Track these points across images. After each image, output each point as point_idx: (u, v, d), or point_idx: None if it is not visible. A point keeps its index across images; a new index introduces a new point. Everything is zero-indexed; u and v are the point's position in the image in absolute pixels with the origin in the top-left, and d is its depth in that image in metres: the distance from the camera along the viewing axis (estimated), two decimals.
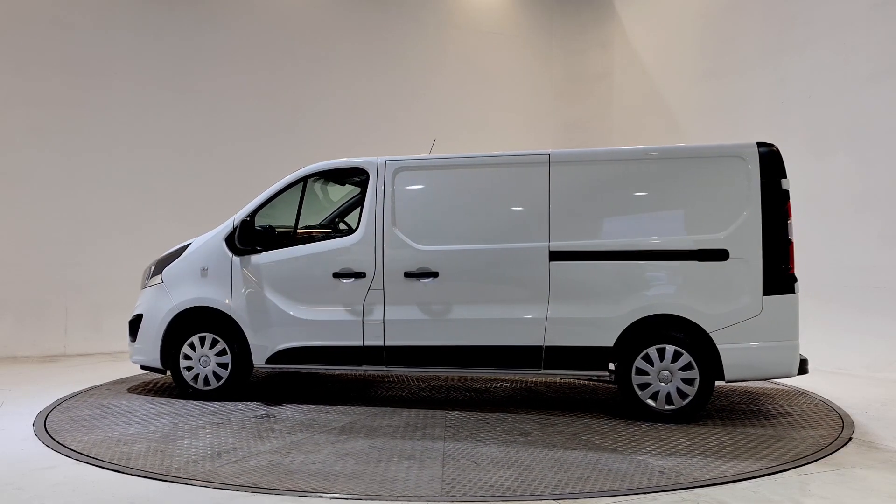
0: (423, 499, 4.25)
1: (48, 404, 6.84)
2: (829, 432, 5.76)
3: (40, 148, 10.38)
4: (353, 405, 6.89)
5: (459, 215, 6.68)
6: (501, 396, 7.30)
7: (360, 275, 6.76)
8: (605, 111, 13.00)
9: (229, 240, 7.12)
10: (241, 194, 11.30)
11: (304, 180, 7.10)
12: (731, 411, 6.52)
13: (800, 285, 6.11)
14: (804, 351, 6.16)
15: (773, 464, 4.90)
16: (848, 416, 6.35)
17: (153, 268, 7.55)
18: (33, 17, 10.33)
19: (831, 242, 9.12)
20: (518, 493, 4.36)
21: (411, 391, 7.58)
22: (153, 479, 4.61)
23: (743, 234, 6.05)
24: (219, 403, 6.93)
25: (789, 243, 6.04)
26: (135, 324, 7.37)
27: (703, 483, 4.50)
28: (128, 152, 10.83)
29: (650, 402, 6.17)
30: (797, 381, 7.72)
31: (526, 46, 13.52)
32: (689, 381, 6.11)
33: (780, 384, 7.74)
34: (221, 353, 7.08)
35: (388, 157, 6.90)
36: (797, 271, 6.15)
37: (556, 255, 6.37)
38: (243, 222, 7.07)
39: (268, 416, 6.48)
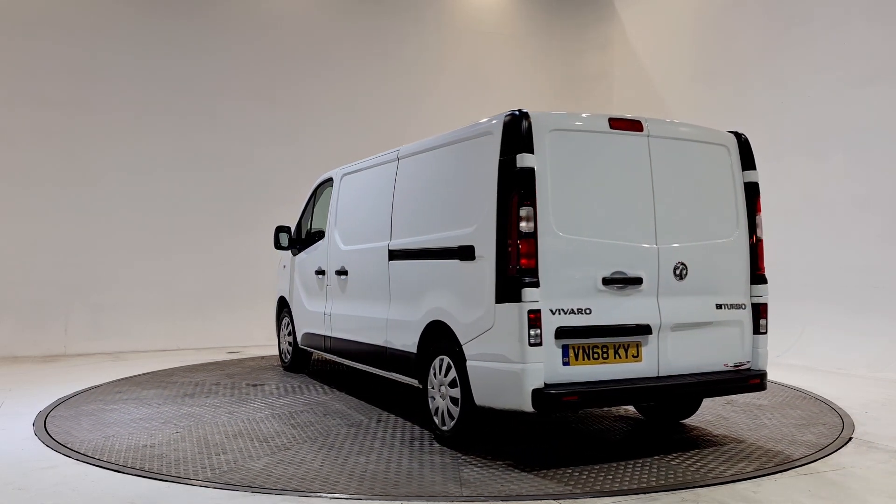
0: (438, 497, 4.25)
1: (48, 404, 6.84)
2: (829, 432, 5.76)
3: (41, 149, 10.38)
4: (348, 394, 7.14)
5: (362, 216, 6.88)
6: None
7: (323, 272, 7.56)
8: (604, 111, 12.93)
9: None
10: (241, 196, 11.36)
11: (315, 191, 8.21)
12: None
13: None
14: (806, 351, 6.02)
15: (773, 464, 4.90)
16: (848, 416, 6.34)
17: None
18: (38, 19, 10.34)
19: (830, 242, 9.12)
20: (98, 457, 5.03)
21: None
22: (153, 478, 4.61)
23: (485, 227, 4.91)
24: (252, 373, 8.79)
25: (528, 237, 4.62)
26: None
27: (703, 483, 4.49)
28: (128, 154, 10.85)
29: (435, 418, 5.45)
30: (797, 381, 7.74)
31: (525, 47, 13.52)
32: (455, 401, 5.19)
33: (780, 384, 7.71)
34: (289, 333, 8.66)
35: (343, 166, 7.50)
36: (802, 272, 5.78)
37: (392, 255, 6.11)
38: (277, 228, 8.37)
39: (254, 385, 7.80)
